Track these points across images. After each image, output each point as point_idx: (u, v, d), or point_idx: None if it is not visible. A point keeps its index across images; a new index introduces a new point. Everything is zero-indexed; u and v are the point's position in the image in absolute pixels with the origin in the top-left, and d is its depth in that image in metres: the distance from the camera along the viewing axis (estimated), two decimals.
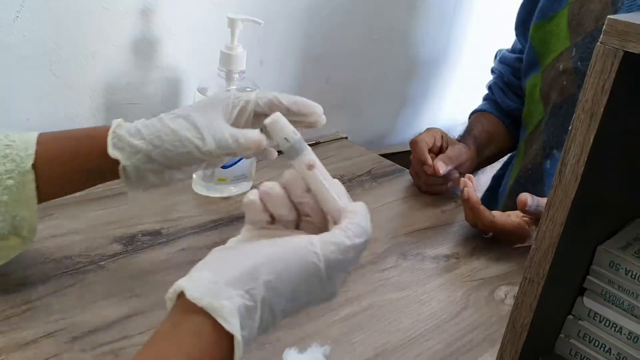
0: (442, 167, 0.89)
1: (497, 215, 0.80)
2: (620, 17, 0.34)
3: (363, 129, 1.25)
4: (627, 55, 0.34)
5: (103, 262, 0.67)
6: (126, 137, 0.57)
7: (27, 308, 0.59)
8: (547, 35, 0.94)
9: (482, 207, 0.79)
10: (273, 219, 0.47)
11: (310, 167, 0.46)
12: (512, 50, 1.10)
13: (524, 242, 0.82)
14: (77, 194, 0.63)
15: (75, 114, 0.84)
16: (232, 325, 0.40)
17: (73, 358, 0.54)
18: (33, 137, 0.58)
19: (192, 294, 0.40)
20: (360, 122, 1.26)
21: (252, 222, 0.48)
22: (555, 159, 0.91)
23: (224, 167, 0.80)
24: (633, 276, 0.44)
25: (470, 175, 0.83)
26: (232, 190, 0.84)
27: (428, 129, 0.96)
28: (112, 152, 0.57)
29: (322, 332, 0.62)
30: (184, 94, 0.94)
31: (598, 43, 0.35)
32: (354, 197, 0.94)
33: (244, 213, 0.48)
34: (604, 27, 0.35)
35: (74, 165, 0.59)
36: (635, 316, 0.44)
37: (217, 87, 0.80)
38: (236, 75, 0.80)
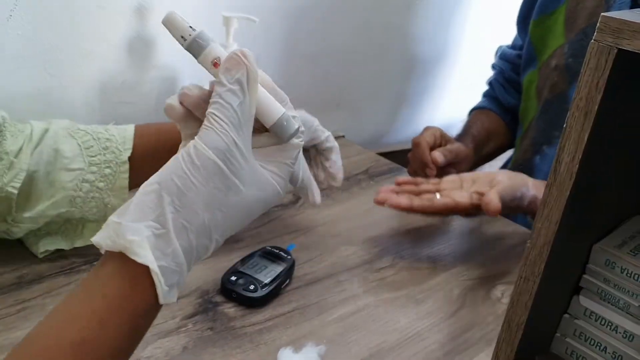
0: (439, 157, 0.89)
1: (446, 184, 0.79)
2: (614, 14, 0.34)
3: (360, 127, 1.25)
4: (621, 53, 0.34)
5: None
6: None
7: (21, 308, 0.58)
8: (545, 31, 0.94)
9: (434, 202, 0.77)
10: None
11: (215, 64, 0.43)
12: (513, 46, 1.10)
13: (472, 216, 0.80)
14: None
15: (71, 114, 0.83)
16: (144, 257, 0.38)
17: None
18: (130, 131, 0.64)
19: (105, 243, 0.39)
20: (358, 121, 1.25)
21: (186, 133, 0.45)
22: (544, 154, 0.91)
23: None
24: (629, 274, 0.44)
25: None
26: None
27: (427, 128, 0.96)
28: None
29: (317, 332, 0.61)
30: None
31: (592, 40, 0.35)
32: (352, 196, 0.92)
33: None
34: (598, 24, 0.34)
35: (167, 157, 0.63)
36: (631, 315, 0.44)
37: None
38: None
